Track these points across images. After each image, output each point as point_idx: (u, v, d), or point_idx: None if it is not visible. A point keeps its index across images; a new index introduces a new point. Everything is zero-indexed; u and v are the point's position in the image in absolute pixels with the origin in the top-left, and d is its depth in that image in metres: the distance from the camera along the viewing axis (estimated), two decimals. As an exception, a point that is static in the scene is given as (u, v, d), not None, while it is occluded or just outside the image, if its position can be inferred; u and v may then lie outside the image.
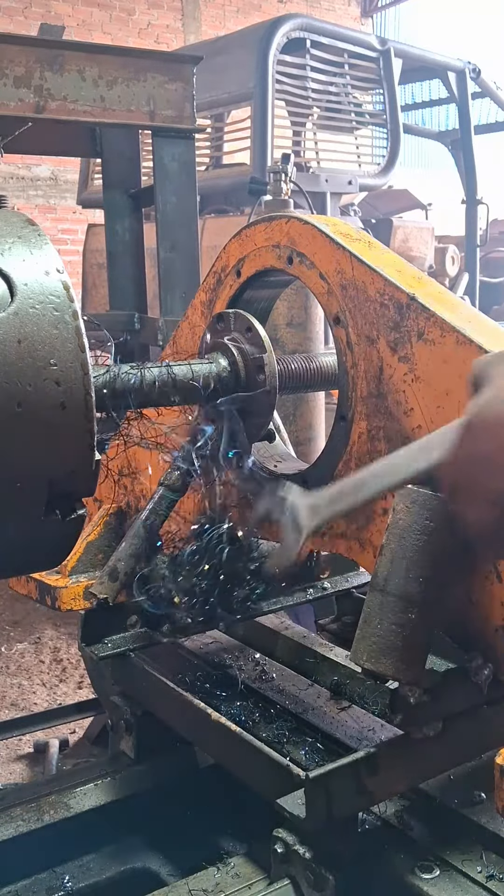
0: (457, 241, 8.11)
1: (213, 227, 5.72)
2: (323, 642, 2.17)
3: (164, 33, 12.39)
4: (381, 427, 1.67)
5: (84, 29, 11.31)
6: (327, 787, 1.47)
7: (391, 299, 1.64)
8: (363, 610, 1.48)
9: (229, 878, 1.64)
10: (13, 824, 1.95)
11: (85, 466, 1.30)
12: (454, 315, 1.57)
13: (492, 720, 1.65)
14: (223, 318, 1.88)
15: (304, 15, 7.19)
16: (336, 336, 1.75)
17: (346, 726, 1.80)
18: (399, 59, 6.80)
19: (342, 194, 6.77)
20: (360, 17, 15.26)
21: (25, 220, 1.35)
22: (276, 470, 1.95)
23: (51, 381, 1.24)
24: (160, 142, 4.01)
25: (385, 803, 1.66)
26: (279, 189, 4.31)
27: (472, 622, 1.53)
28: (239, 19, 12.65)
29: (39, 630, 5.01)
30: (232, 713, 1.85)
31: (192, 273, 4.14)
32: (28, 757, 3.71)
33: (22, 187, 10.88)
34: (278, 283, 2.06)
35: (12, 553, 1.37)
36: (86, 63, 3.71)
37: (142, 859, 2.05)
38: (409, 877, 1.51)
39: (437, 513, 1.45)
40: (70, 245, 10.24)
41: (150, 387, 1.69)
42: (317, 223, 1.79)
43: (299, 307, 4.11)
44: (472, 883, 1.49)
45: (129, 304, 4.59)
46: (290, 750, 1.75)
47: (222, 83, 6.05)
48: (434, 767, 1.67)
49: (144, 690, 2.00)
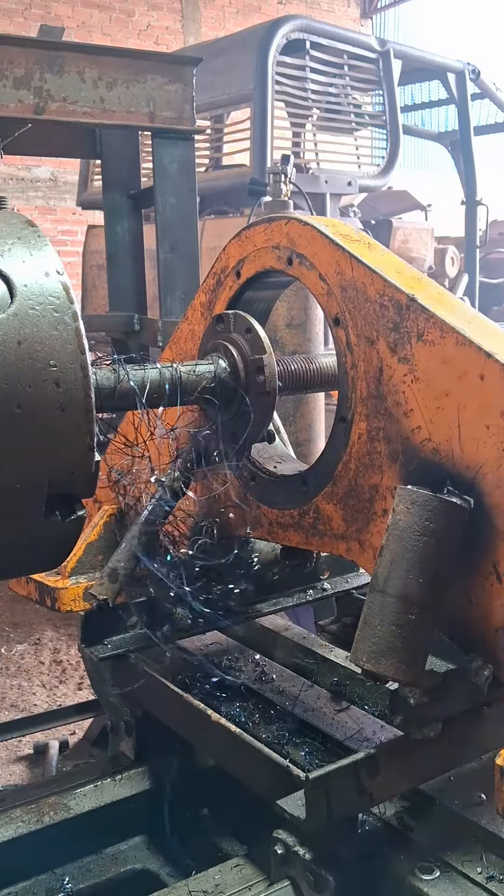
0: (456, 242, 8.11)
1: (213, 229, 5.72)
2: (323, 643, 2.17)
3: (163, 35, 12.39)
4: (381, 428, 1.67)
5: (84, 30, 11.31)
6: (327, 789, 1.47)
7: (391, 300, 1.64)
8: (363, 611, 1.48)
9: (229, 879, 1.63)
10: (13, 825, 1.95)
11: (84, 468, 1.30)
12: (454, 316, 1.57)
13: (492, 721, 1.65)
14: (223, 319, 1.88)
15: (303, 16, 7.19)
16: (336, 337, 1.75)
17: (346, 727, 1.80)
18: (398, 60, 6.80)
19: (342, 195, 6.77)
20: (360, 18, 15.26)
21: (25, 222, 1.35)
22: (276, 471, 1.95)
23: (50, 383, 1.24)
24: (160, 143, 4.02)
25: (385, 804, 1.66)
26: (279, 190, 4.31)
27: (471, 623, 1.53)
28: (238, 21, 12.65)
29: (39, 631, 5.01)
30: (232, 714, 1.85)
31: (191, 274, 4.15)
32: (28, 758, 3.71)
33: (22, 188, 10.88)
34: (278, 285, 2.06)
35: (12, 554, 1.37)
36: (85, 64, 3.72)
37: (142, 860, 2.05)
38: (409, 878, 1.51)
39: (437, 513, 1.45)
40: (70, 246, 10.24)
41: (149, 388, 1.69)
42: (316, 224, 1.79)
43: (299, 308, 4.11)
44: (472, 884, 1.49)
45: (129, 305, 4.59)
46: (290, 751, 1.75)
47: (222, 84, 6.05)
48: (434, 768, 1.67)
49: (144, 692, 2.00)
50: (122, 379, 1.65)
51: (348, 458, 1.74)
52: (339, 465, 1.76)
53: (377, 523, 1.68)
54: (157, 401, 1.71)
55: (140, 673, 1.97)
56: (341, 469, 1.76)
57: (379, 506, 1.68)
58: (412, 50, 7.33)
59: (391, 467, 1.65)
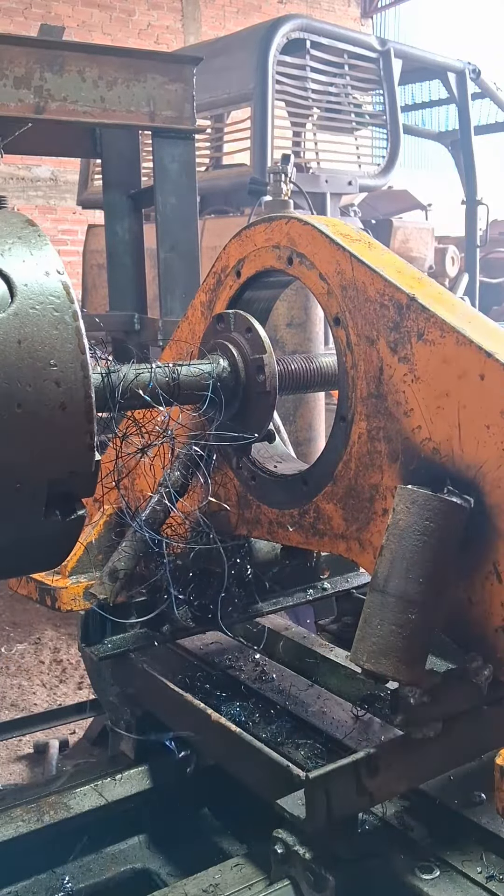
0: (457, 242, 8.10)
1: (213, 228, 5.72)
2: (323, 643, 2.18)
3: (163, 34, 12.38)
4: (381, 427, 1.67)
5: (84, 30, 11.30)
6: (327, 788, 1.47)
7: (391, 300, 1.64)
8: (363, 610, 1.48)
9: (229, 878, 1.63)
10: (13, 825, 1.95)
11: (85, 467, 1.30)
12: (454, 315, 1.57)
13: (492, 720, 1.65)
14: (223, 318, 1.88)
15: (304, 16, 7.18)
16: (336, 337, 1.75)
17: (346, 726, 1.80)
18: (399, 59, 6.80)
19: (342, 195, 6.76)
20: (360, 17, 15.25)
21: (25, 221, 1.35)
22: (276, 470, 1.95)
23: (51, 382, 1.24)
24: (160, 142, 4.02)
25: (385, 804, 1.66)
26: (279, 190, 4.30)
27: (471, 622, 1.53)
28: (239, 20, 12.64)
29: (39, 631, 5.01)
30: (232, 714, 1.85)
31: (191, 274, 4.15)
32: (28, 757, 3.71)
33: (22, 188, 10.87)
34: (278, 284, 2.06)
35: (12, 553, 1.37)
36: (86, 64, 3.71)
37: (142, 860, 2.05)
38: (409, 877, 1.51)
39: (437, 513, 1.45)
40: (70, 246, 10.24)
41: (149, 388, 1.69)
42: (317, 224, 1.79)
43: (299, 308, 4.11)
44: (472, 883, 1.49)
45: (129, 304, 4.59)
46: (289, 750, 1.75)
47: (222, 84, 6.04)
48: (434, 768, 1.67)
49: (144, 691, 2.00)
50: (122, 379, 1.65)
51: (348, 458, 1.74)
52: (340, 465, 1.76)
53: (377, 523, 1.68)
54: (156, 401, 1.71)
55: (140, 672, 1.97)
56: (341, 469, 1.76)
57: (379, 505, 1.68)
58: (413, 49, 7.32)
59: (391, 467, 1.65)
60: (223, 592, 1.93)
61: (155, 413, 1.75)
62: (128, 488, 2.21)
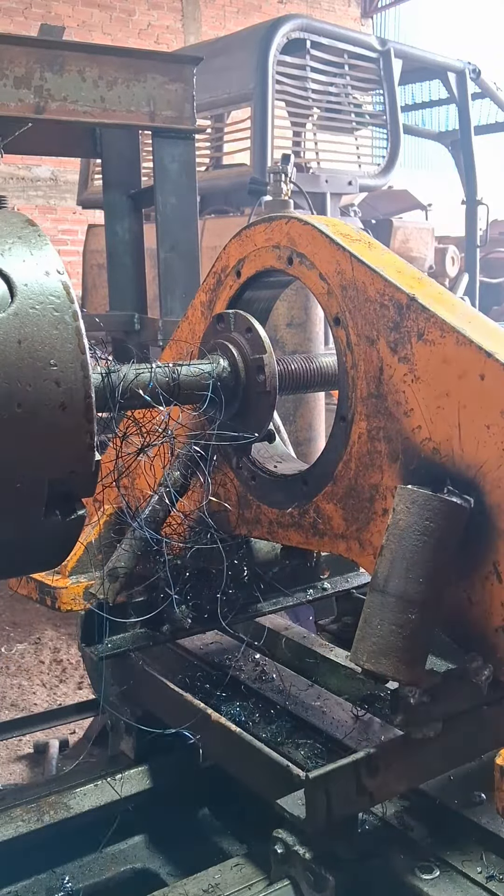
0: (457, 242, 8.10)
1: (213, 228, 5.72)
2: (323, 643, 2.17)
3: (164, 34, 12.38)
4: (381, 427, 1.67)
5: (84, 30, 11.30)
6: (327, 788, 1.47)
7: (391, 300, 1.64)
8: (363, 610, 1.48)
9: (229, 878, 1.63)
10: (13, 825, 1.95)
11: (85, 467, 1.30)
12: (454, 315, 1.57)
13: (492, 721, 1.65)
14: (223, 318, 1.88)
15: (304, 15, 7.18)
16: (336, 336, 1.75)
17: (346, 726, 1.80)
18: (399, 59, 6.80)
19: (342, 195, 6.76)
20: (360, 17, 15.25)
21: (25, 221, 1.35)
22: (276, 470, 1.95)
23: (51, 382, 1.24)
24: (160, 142, 4.02)
25: (385, 804, 1.66)
26: (279, 189, 4.30)
27: (471, 622, 1.53)
28: (239, 20, 12.64)
29: (39, 631, 5.01)
30: (232, 714, 1.85)
31: (191, 273, 4.15)
32: (28, 757, 3.71)
33: (22, 188, 10.87)
34: (278, 284, 2.06)
35: (12, 553, 1.37)
36: (86, 64, 3.71)
37: (142, 860, 2.05)
38: (409, 877, 1.51)
39: (437, 513, 1.45)
40: (70, 245, 10.24)
41: (149, 388, 1.69)
42: (317, 224, 1.79)
43: (299, 307, 4.11)
44: (472, 883, 1.49)
45: (129, 304, 4.59)
46: (289, 750, 1.75)
47: (222, 84, 6.04)
48: (434, 768, 1.67)
49: (144, 691, 2.00)
50: (122, 378, 1.65)
51: (348, 458, 1.74)
52: (340, 465, 1.76)
53: (377, 523, 1.68)
54: (156, 401, 1.71)
55: (139, 672, 1.97)
56: (341, 468, 1.76)
57: (379, 505, 1.68)
58: (413, 49, 7.32)
59: (391, 467, 1.65)
60: (223, 592, 1.93)
61: (155, 413, 1.75)
62: (128, 488, 2.21)
